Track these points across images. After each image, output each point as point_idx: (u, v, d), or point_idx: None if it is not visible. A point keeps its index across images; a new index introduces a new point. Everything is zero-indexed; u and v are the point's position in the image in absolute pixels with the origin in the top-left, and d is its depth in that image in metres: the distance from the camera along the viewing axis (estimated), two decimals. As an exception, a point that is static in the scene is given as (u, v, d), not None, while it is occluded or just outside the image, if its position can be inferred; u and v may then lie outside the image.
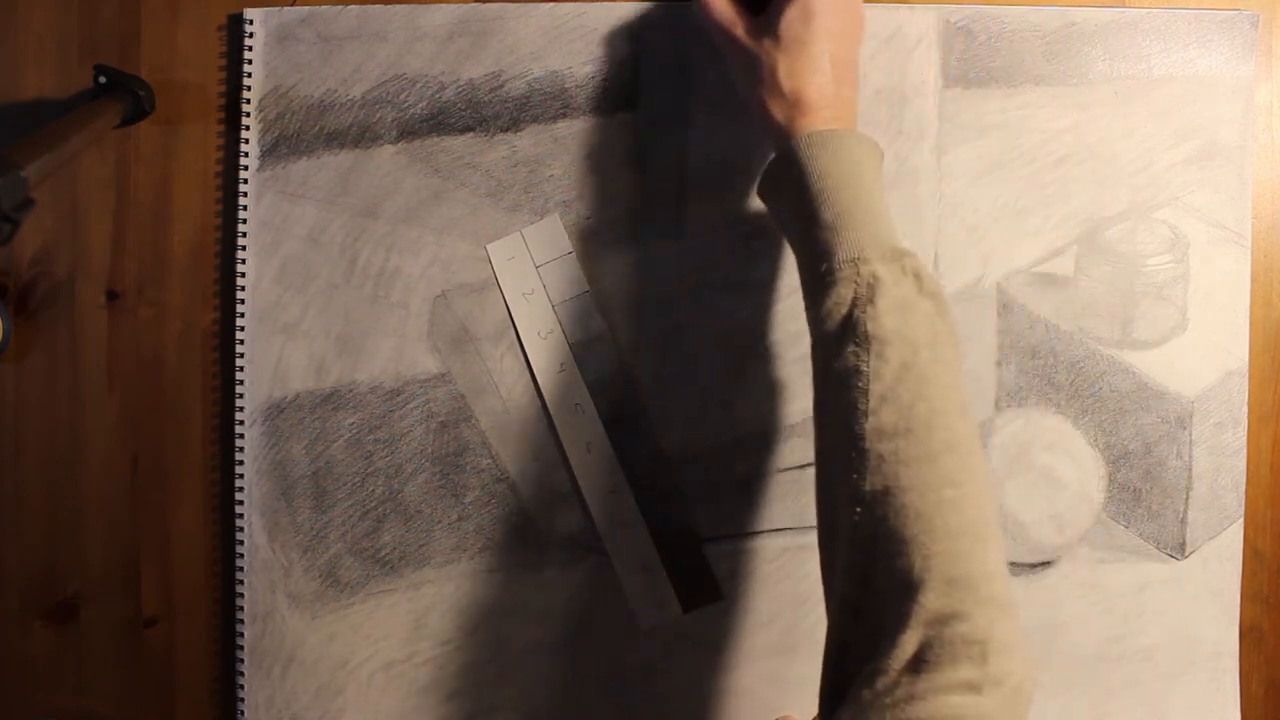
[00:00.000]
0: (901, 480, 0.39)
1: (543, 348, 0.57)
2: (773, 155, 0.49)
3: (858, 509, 0.39)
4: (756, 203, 0.57)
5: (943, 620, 0.36)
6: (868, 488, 0.39)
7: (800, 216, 0.46)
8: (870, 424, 0.40)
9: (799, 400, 0.57)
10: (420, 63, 0.57)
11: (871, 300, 0.42)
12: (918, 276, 0.43)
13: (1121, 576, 0.57)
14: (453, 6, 0.57)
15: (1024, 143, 0.57)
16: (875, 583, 0.38)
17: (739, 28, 0.50)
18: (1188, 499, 0.57)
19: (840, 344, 0.42)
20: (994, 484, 0.40)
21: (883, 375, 0.40)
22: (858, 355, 0.41)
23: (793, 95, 0.47)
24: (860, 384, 0.41)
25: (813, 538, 0.57)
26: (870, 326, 0.41)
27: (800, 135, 0.46)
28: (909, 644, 0.36)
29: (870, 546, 0.38)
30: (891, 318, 0.41)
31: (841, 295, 0.43)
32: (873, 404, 0.40)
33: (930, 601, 0.36)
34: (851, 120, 0.49)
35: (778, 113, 0.48)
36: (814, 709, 0.58)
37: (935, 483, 0.39)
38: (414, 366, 0.57)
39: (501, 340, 0.57)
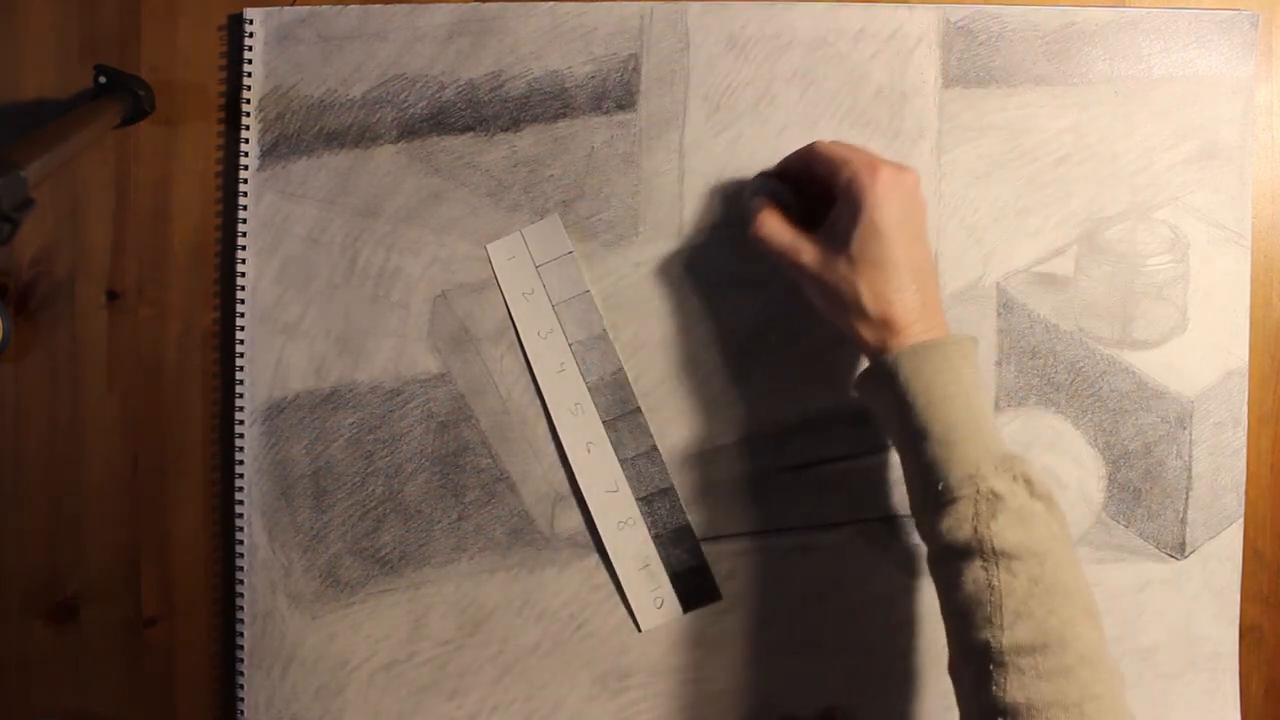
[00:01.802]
0: (1045, 694, 0.40)
1: (543, 348, 0.57)
2: (866, 369, 0.49)
3: (1001, 718, 0.41)
4: (756, 203, 0.57)
5: None
6: (1009, 700, 0.41)
7: (906, 430, 0.46)
8: (1008, 639, 0.42)
9: (799, 400, 0.57)
10: (420, 63, 0.57)
11: (994, 515, 0.43)
12: (1029, 482, 0.44)
13: (1121, 576, 0.57)
14: (453, 6, 0.57)
15: (1024, 143, 0.57)
16: None
17: (805, 254, 0.49)
18: (1188, 499, 0.57)
19: (967, 560, 0.43)
20: (1123, 684, 0.43)
21: (1014, 590, 0.42)
22: (987, 571, 0.43)
23: (880, 318, 0.47)
24: (994, 599, 0.42)
25: (813, 537, 0.57)
26: (996, 543, 0.43)
27: (895, 352, 0.47)
28: None
29: None
30: (1014, 532, 0.43)
31: (962, 513, 0.44)
32: (1007, 619, 0.42)
33: None
34: (942, 324, 0.48)
35: (868, 335, 0.48)
36: (814, 708, 0.58)
37: (1076, 697, 0.41)
38: (414, 366, 0.57)
39: (501, 340, 0.57)
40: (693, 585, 0.57)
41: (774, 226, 0.51)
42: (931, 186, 0.57)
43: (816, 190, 0.51)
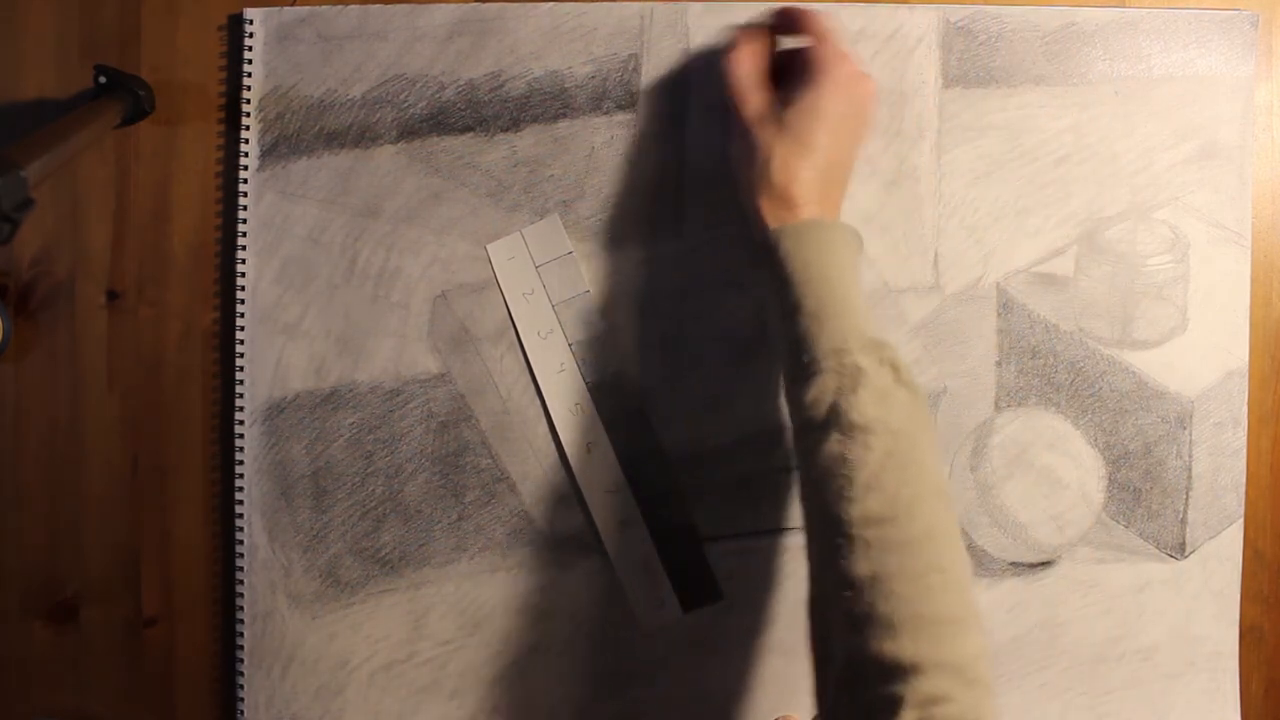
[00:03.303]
0: (889, 566, 0.41)
1: (543, 348, 0.57)
2: (756, 242, 0.50)
3: (847, 592, 0.41)
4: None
5: (934, 702, 0.38)
6: (856, 572, 0.41)
7: (781, 304, 0.47)
8: (857, 510, 0.42)
9: (799, 400, 0.57)
10: (420, 63, 0.57)
11: (854, 390, 0.44)
12: (895, 367, 0.45)
13: (1121, 576, 0.57)
14: (453, 6, 0.57)
15: (1024, 143, 0.57)
16: (868, 665, 0.40)
17: (751, 104, 0.51)
18: (1188, 499, 0.57)
19: (825, 431, 0.44)
20: (968, 565, 0.43)
21: (867, 463, 0.42)
22: (842, 443, 0.43)
23: (782, 189, 0.48)
24: (846, 471, 0.43)
25: (813, 538, 0.57)
26: (855, 416, 0.43)
27: (781, 227, 0.48)
28: None
29: (863, 629, 0.40)
30: (874, 407, 0.43)
31: (825, 384, 0.44)
32: (858, 491, 0.42)
33: (923, 685, 0.38)
34: (834, 213, 0.50)
35: (764, 201, 0.49)
36: (813, 708, 0.58)
37: (921, 569, 0.41)
38: (414, 366, 0.57)
39: (501, 340, 0.57)
40: (693, 585, 0.57)
41: (744, 64, 0.52)
42: (931, 186, 0.57)
43: (786, 57, 0.53)
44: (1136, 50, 0.57)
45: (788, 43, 0.54)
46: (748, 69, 0.52)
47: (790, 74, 0.51)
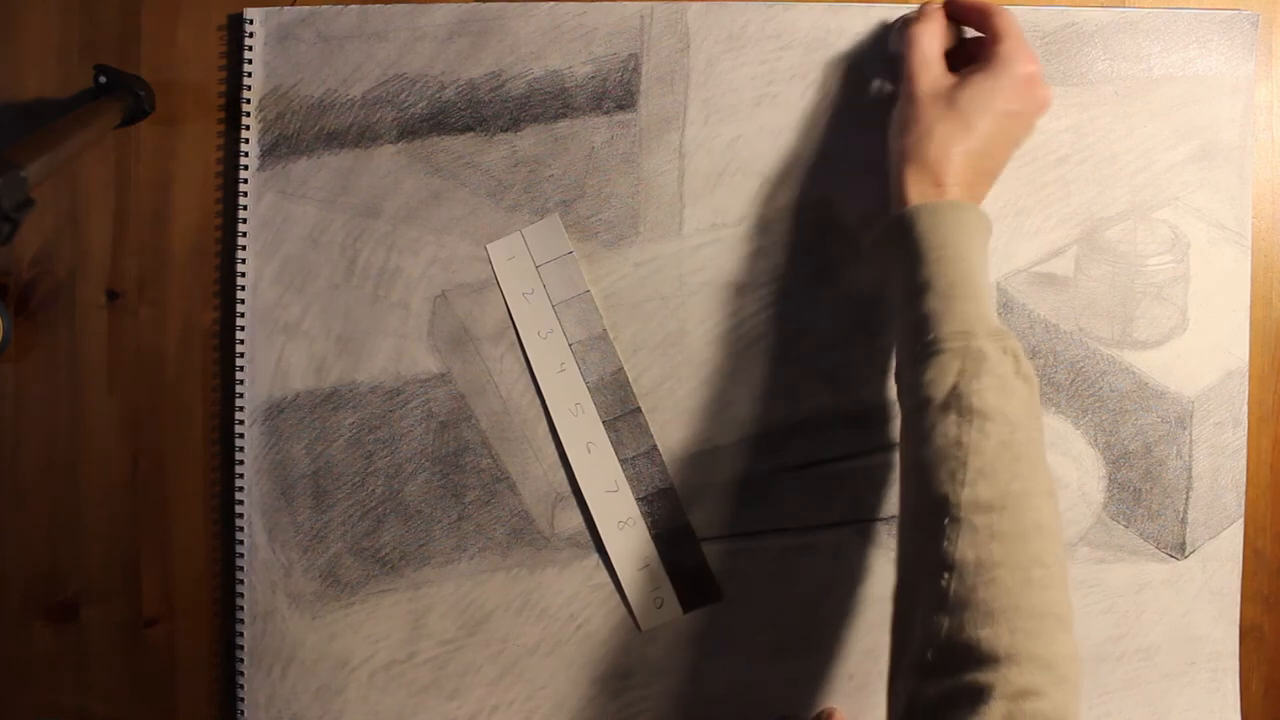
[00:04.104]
0: (995, 554, 0.40)
1: (543, 348, 0.57)
2: (890, 217, 0.49)
3: (946, 574, 0.41)
4: (756, 203, 0.57)
5: (1024, 695, 0.37)
6: (960, 556, 0.40)
7: (910, 281, 0.47)
8: (967, 495, 0.41)
9: (799, 400, 0.57)
10: (420, 63, 0.57)
11: (977, 375, 0.43)
12: (1016, 358, 0.45)
13: (1121, 576, 0.57)
14: (453, 6, 0.57)
15: (1024, 143, 0.57)
16: (959, 649, 0.39)
17: (926, 76, 0.50)
18: (1188, 499, 0.57)
19: (942, 413, 0.43)
20: (1068, 567, 0.44)
21: (983, 450, 0.42)
22: (960, 426, 0.43)
23: (934, 166, 0.48)
24: (960, 455, 0.42)
25: (813, 537, 0.57)
26: (975, 401, 0.43)
27: (922, 204, 0.47)
28: (993, 715, 0.37)
29: (959, 612, 0.40)
30: (994, 395, 0.43)
31: (948, 366, 0.44)
32: (971, 475, 0.42)
33: (1015, 676, 0.38)
34: (977, 201, 0.50)
35: (910, 174, 0.49)
36: (814, 709, 0.58)
37: (1025, 561, 0.40)
38: (414, 366, 0.57)
39: (501, 340, 0.57)
40: (693, 585, 0.57)
41: (929, 36, 0.51)
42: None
43: (962, 44, 0.53)
44: (1136, 50, 0.57)
45: (969, 33, 0.54)
46: (931, 43, 0.51)
47: (961, 60, 0.52)
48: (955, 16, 0.53)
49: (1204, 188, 0.57)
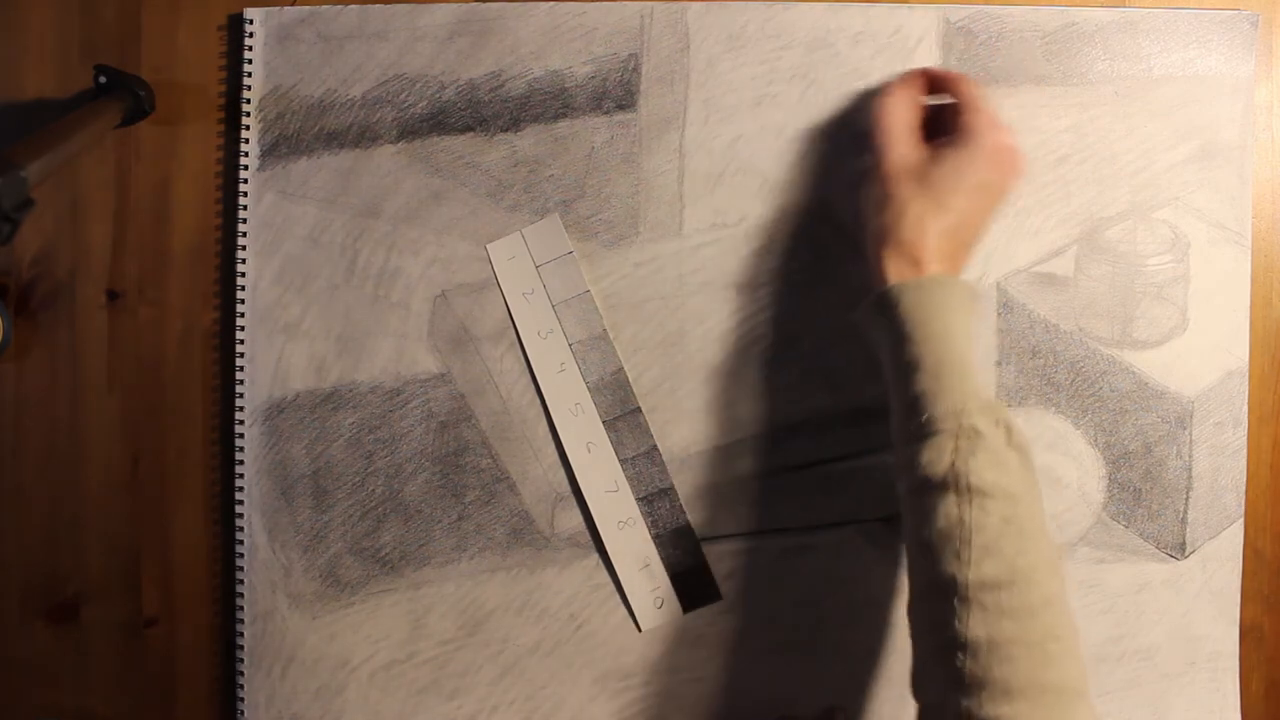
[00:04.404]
0: (1007, 631, 0.41)
1: (543, 348, 0.57)
2: (874, 294, 0.49)
3: (960, 654, 0.41)
4: (756, 202, 0.57)
5: None
6: (973, 635, 0.41)
7: (899, 359, 0.47)
8: (974, 574, 0.42)
9: (799, 400, 0.57)
10: (420, 63, 0.57)
11: (973, 453, 0.44)
12: (1008, 429, 0.45)
13: (1121, 576, 0.57)
14: (453, 6, 0.57)
15: (1024, 143, 0.56)
16: None
17: (896, 150, 0.50)
18: (1188, 499, 0.57)
19: (941, 493, 0.44)
20: (1080, 635, 0.43)
21: (986, 528, 0.43)
22: (960, 506, 0.43)
23: (910, 246, 0.48)
24: (964, 534, 0.43)
25: (813, 537, 0.57)
26: (973, 479, 0.43)
27: (904, 281, 0.47)
28: None
29: (977, 692, 0.40)
30: (991, 471, 0.44)
31: (943, 445, 0.44)
32: (976, 554, 0.42)
33: None
34: (956, 273, 0.49)
35: (889, 259, 0.48)
36: (814, 708, 0.58)
37: (1039, 636, 0.41)
38: (414, 366, 0.57)
39: (501, 340, 0.57)
40: (693, 585, 0.57)
41: (896, 112, 0.51)
42: (931, 186, 0.57)
43: (945, 116, 0.52)
44: (1136, 50, 0.57)
45: (931, 100, 0.54)
46: (899, 118, 0.51)
47: (933, 130, 0.52)
48: (931, 89, 0.53)
49: (1204, 188, 0.57)
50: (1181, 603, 0.57)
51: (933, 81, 0.53)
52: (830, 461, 0.57)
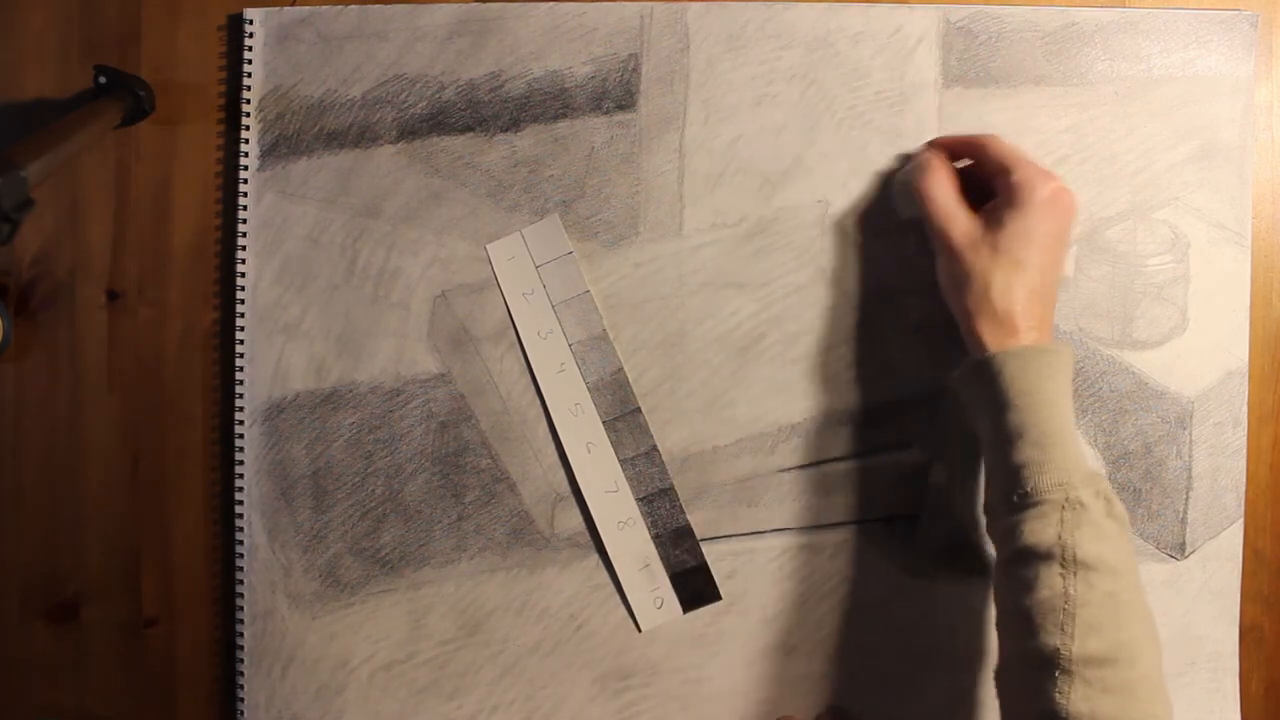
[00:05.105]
0: (1107, 707, 0.41)
1: (543, 348, 0.57)
2: (973, 360, 0.50)
3: None
4: (756, 203, 0.57)
5: None
6: (1073, 710, 0.41)
7: (1000, 428, 0.47)
8: (1077, 649, 0.42)
9: (799, 400, 0.57)
10: (420, 63, 0.57)
11: (1078, 525, 0.44)
12: (1108, 500, 0.46)
13: (1121, 576, 0.57)
14: (453, 6, 0.57)
15: (1024, 143, 0.57)
16: None
17: (957, 228, 0.51)
18: (1188, 499, 0.57)
19: (1046, 563, 0.44)
20: (1173, 710, 0.44)
21: (1090, 602, 0.43)
22: (1064, 579, 0.44)
23: (1004, 314, 0.49)
24: (1068, 607, 0.43)
25: (812, 537, 0.57)
26: (1079, 552, 0.44)
27: (1004, 350, 0.48)
28: None
29: None
30: (1095, 545, 0.44)
31: (1049, 516, 0.45)
32: (1080, 629, 0.43)
33: None
34: (1049, 334, 0.50)
35: (984, 328, 0.49)
36: (814, 708, 0.58)
37: (1137, 714, 0.41)
38: (414, 366, 0.57)
39: (501, 340, 0.57)
40: (693, 585, 0.57)
41: (942, 187, 0.52)
42: (931, 186, 0.57)
43: (969, 177, 0.53)
44: (1136, 50, 0.57)
45: (959, 165, 0.54)
46: (945, 191, 0.52)
47: (971, 188, 0.52)
48: (951, 156, 0.54)
49: (1204, 188, 0.57)
50: (1181, 603, 0.57)
51: (953, 148, 0.54)
52: (830, 461, 0.57)
